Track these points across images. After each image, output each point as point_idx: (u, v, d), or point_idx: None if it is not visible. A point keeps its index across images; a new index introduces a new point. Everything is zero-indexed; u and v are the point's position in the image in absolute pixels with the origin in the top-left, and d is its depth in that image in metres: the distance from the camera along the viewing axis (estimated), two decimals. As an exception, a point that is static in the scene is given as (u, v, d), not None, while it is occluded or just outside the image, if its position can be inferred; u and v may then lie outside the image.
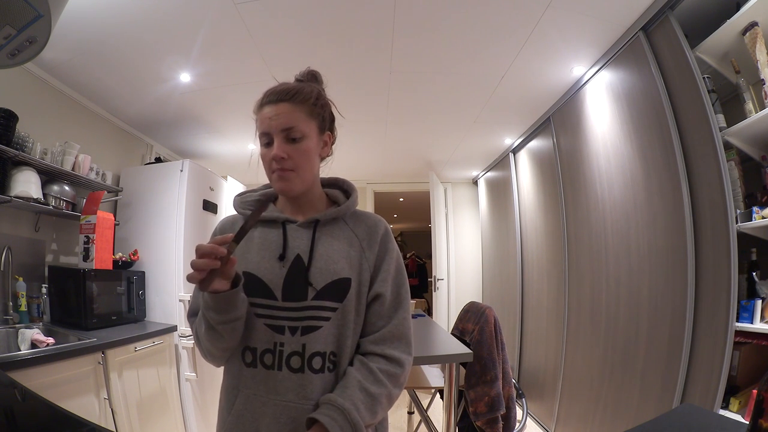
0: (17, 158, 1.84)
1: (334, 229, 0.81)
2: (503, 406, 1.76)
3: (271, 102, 0.76)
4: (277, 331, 0.72)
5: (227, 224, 0.87)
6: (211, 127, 3.06)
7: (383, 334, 0.76)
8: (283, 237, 0.78)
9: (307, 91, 0.77)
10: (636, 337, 1.82)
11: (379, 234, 0.81)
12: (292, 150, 0.74)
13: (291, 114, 0.74)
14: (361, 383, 0.70)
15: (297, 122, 0.74)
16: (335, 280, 0.74)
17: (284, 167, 0.74)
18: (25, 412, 0.85)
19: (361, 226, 0.82)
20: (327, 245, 0.77)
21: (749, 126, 1.36)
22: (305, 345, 0.71)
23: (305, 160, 0.75)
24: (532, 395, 3.03)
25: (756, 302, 1.31)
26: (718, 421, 0.81)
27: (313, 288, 0.73)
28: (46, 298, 2.06)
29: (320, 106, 0.79)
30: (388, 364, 0.74)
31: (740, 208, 1.37)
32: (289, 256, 0.76)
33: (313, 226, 0.79)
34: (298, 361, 0.71)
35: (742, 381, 1.38)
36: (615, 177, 2.00)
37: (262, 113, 0.76)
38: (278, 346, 0.72)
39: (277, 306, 0.73)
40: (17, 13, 1.10)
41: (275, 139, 0.74)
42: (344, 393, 0.68)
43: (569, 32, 1.88)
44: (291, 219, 0.80)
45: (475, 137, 3.37)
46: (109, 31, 1.83)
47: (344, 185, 0.89)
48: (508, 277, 3.62)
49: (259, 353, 0.72)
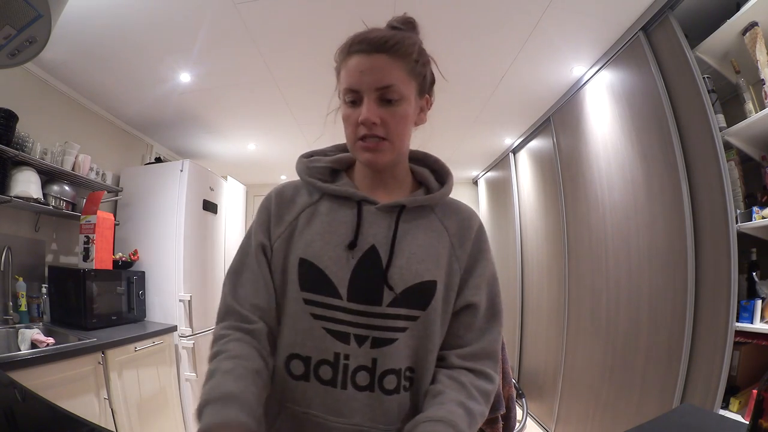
0: (17, 158, 1.84)
1: (420, 218, 0.66)
2: (503, 406, 1.76)
3: (364, 51, 0.60)
4: (340, 338, 0.59)
5: (285, 197, 0.68)
6: (211, 127, 3.06)
7: (474, 351, 0.64)
8: (357, 220, 0.63)
9: (409, 43, 0.62)
10: (636, 337, 1.82)
11: (473, 230, 0.68)
12: (386, 114, 0.60)
13: (389, 70, 0.59)
14: (459, 399, 0.58)
15: (395, 80, 0.60)
16: (419, 282, 0.61)
17: (375, 134, 0.60)
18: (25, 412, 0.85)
19: (452, 219, 0.68)
20: (412, 238, 0.64)
21: (749, 126, 1.36)
22: (376, 360, 0.59)
23: (401, 128, 0.62)
24: (532, 395, 3.03)
25: (756, 302, 1.31)
26: (718, 421, 0.81)
27: (392, 292, 0.60)
28: (46, 298, 2.06)
29: (422, 63, 0.64)
30: (478, 379, 0.62)
31: (740, 208, 1.37)
32: (362, 246, 0.61)
33: (396, 213, 0.64)
34: (366, 377, 0.59)
35: (742, 381, 1.38)
36: (615, 177, 2.00)
37: (350, 64, 0.61)
38: (342, 358, 0.59)
39: (341, 307, 0.60)
40: (17, 13, 1.10)
41: (366, 98, 0.59)
42: (443, 408, 0.56)
43: (569, 32, 1.88)
44: (369, 199, 0.65)
45: (475, 137, 3.37)
46: (109, 32, 1.83)
47: (435, 164, 0.74)
48: (508, 277, 3.62)
49: (314, 364, 0.59)
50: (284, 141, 3.40)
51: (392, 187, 0.68)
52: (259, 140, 3.40)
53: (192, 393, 2.47)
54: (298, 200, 0.67)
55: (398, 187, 0.69)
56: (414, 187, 0.71)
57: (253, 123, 3.02)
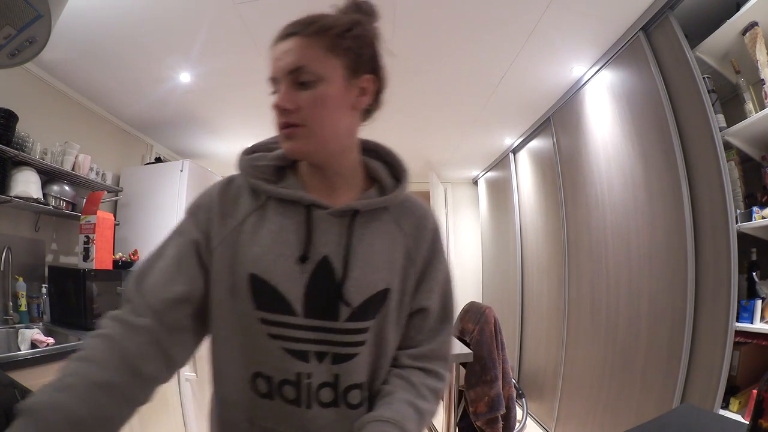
0: (17, 158, 1.84)
1: (374, 221, 0.61)
2: (503, 406, 1.76)
3: (279, 38, 0.57)
4: (300, 357, 0.56)
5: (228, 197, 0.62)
6: (211, 127, 3.06)
7: (424, 352, 0.63)
8: (306, 229, 0.58)
9: (330, 20, 0.57)
10: (636, 336, 1.82)
11: (429, 230, 0.65)
12: (302, 98, 0.55)
13: (301, 50, 0.55)
14: (408, 399, 0.57)
15: (307, 60, 0.55)
16: (375, 293, 0.58)
17: (290, 121, 0.56)
18: (25, 412, 0.84)
19: (408, 219, 0.64)
20: (367, 246, 0.59)
21: (749, 126, 1.36)
22: (338, 376, 0.57)
23: (319, 111, 0.56)
24: (532, 395, 3.03)
25: (756, 302, 1.31)
26: (718, 421, 0.81)
27: (349, 307, 0.57)
28: (46, 298, 2.06)
29: (351, 38, 0.57)
30: (428, 377, 0.62)
31: (740, 208, 1.37)
32: (314, 257, 0.57)
33: (349, 218, 0.60)
34: (330, 393, 0.57)
35: (742, 381, 1.38)
36: (615, 177, 2.00)
37: (272, 54, 0.58)
38: (304, 377, 0.56)
39: (297, 324, 0.56)
40: (17, 13, 1.10)
41: (281, 85, 0.56)
42: (391, 408, 0.55)
43: (569, 32, 1.88)
44: (319, 203, 0.59)
45: (475, 137, 3.37)
46: (109, 32, 1.83)
47: (389, 157, 0.68)
48: (508, 277, 3.62)
49: (276, 383, 0.56)
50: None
51: (343, 186, 0.63)
52: (258, 140, 3.39)
53: (192, 393, 2.46)
54: (242, 202, 0.61)
55: (347, 185, 0.63)
56: (366, 183, 0.65)
57: (253, 123, 3.02)
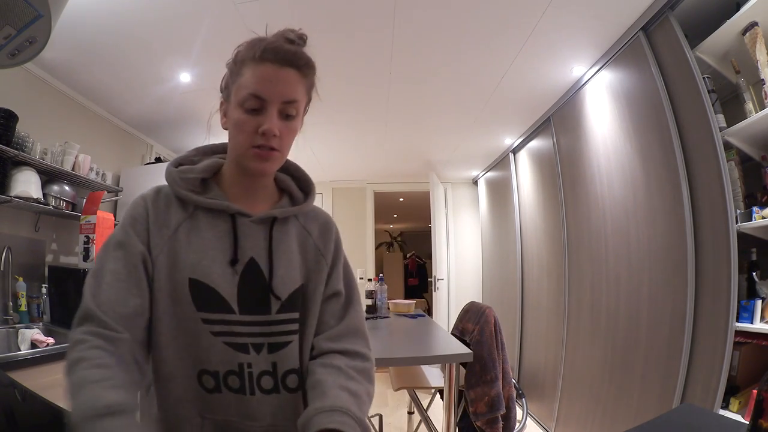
0: (17, 158, 1.84)
1: (287, 226, 0.70)
2: (503, 406, 1.76)
3: (276, 62, 0.60)
4: (240, 349, 0.62)
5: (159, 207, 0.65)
6: (211, 127, 3.06)
7: (339, 330, 0.68)
8: (233, 235, 0.65)
9: (312, 64, 0.66)
10: (636, 336, 1.82)
11: (332, 232, 0.75)
12: (284, 128, 0.62)
13: (296, 85, 0.62)
14: (339, 383, 0.60)
15: (299, 97, 0.63)
16: (297, 287, 0.67)
17: (272, 145, 0.61)
18: (25, 412, 0.84)
19: (313, 224, 0.74)
20: (285, 248, 0.68)
21: (749, 126, 1.36)
22: (276, 364, 0.63)
23: (290, 142, 0.66)
24: (532, 395, 3.03)
25: (756, 302, 1.31)
26: (717, 421, 0.81)
27: (278, 300, 0.64)
28: (46, 298, 2.06)
29: (313, 84, 0.68)
30: (352, 360, 0.65)
31: (740, 208, 1.37)
32: (242, 259, 0.64)
33: (269, 224, 0.67)
34: (270, 381, 0.63)
35: (742, 381, 1.38)
36: (615, 177, 2.00)
37: (259, 70, 0.60)
38: (246, 367, 0.62)
39: (235, 321, 0.62)
40: (17, 13, 1.10)
41: (270, 109, 0.60)
42: (327, 397, 0.57)
43: (569, 32, 1.88)
44: (243, 212, 0.66)
45: (475, 137, 3.37)
46: (109, 31, 1.83)
47: (297, 172, 0.77)
48: (508, 277, 3.62)
49: (222, 376, 0.61)
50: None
51: (260, 196, 0.70)
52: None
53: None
54: (172, 211, 0.65)
55: (265, 196, 0.71)
56: (277, 194, 0.74)
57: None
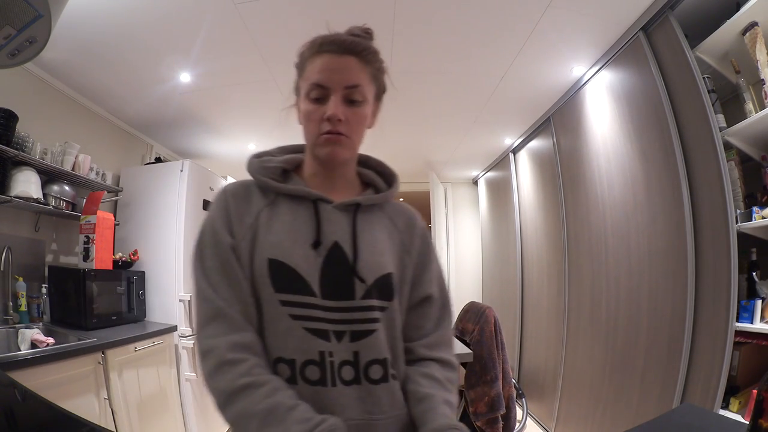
0: (17, 158, 1.84)
1: (373, 216, 0.69)
2: (503, 406, 1.76)
3: (334, 52, 0.62)
4: (322, 336, 0.59)
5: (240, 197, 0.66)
6: (211, 127, 3.06)
7: (435, 339, 0.69)
8: (316, 219, 0.64)
9: (374, 50, 0.67)
10: (636, 336, 1.82)
11: (418, 228, 0.73)
12: (350, 113, 0.63)
13: (357, 71, 0.63)
14: (443, 398, 0.62)
15: (363, 82, 0.63)
16: (384, 274, 0.64)
17: (339, 130, 0.62)
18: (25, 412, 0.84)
19: (400, 218, 0.73)
20: (369, 234, 0.66)
21: (749, 126, 1.36)
22: (358, 353, 0.61)
23: (360, 128, 0.65)
24: (532, 395, 3.03)
25: (756, 302, 1.31)
26: (718, 421, 0.81)
27: (364, 284, 0.62)
28: (46, 298, 2.06)
29: (380, 71, 0.69)
30: (445, 369, 0.67)
31: (740, 208, 1.37)
32: (325, 243, 0.63)
33: (352, 211, 0.67)
34: (351, 371, 0.60)
35: (742, 381, 1.38)
36: (615, 177, 2.00)
37: (319, 61, 0.63)
38: (327, 356, 0.59)
39: (317, 305, 0.60)
40: (17, 13, 1.10)
41: (333, 96, 0.61)
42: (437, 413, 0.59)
43: (569, 32, 1.88)
44: (324, 197, 0.66)
45: (475, 137, 3.37)
46: (109, 31, 1.83)
47: (380, 167, 0.77)
48: (508, 277, 3.62)
49: (299, 366, 0.58)
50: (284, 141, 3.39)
51: (342, 188, 0.70)
52: (259, 140, 3.40)
53: (192, 393, 2.47)
54: (253, 200, 0.66)
55: (348, 188, 0.71)
56: (362, 188, 0.74)
57: (253, 123, 3.02)
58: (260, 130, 3.19)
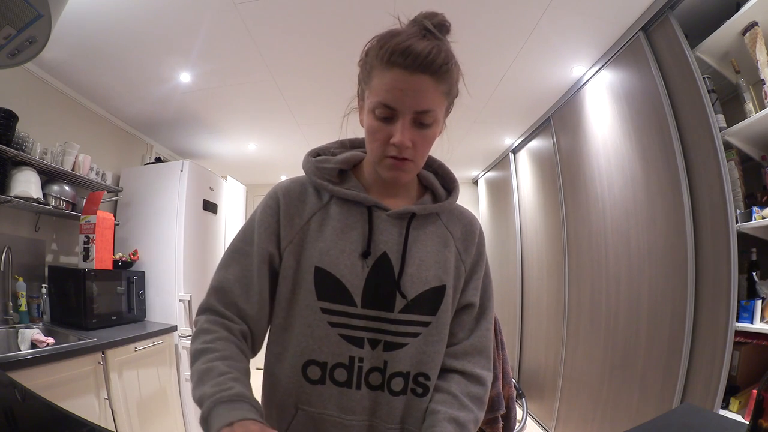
0: (17, 158, 1.84)
1: (428, 225, 0.67)
2: (503, 406, 1.76)
3: (407, 68, 0.54)
4: (355, 343, 0.60)
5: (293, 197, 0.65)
6: (211, 127, 3.06)
7: (465, 348, 0.66)
8: (369, 227, 0.63)
9: (453, 63, 0.60)
10: (636, 336, 1.82)
11: (476, 235, 0.71)
12: (418, 137, 0.58)
13: (431, 94, 0.56)
14: (450, 415, 0.60)
15: (435, 105, 0.57)
16: (428, 289, 0.63)
17: (405, 156, 0.58)
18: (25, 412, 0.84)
19: (457, 225, 0.70)
20: (421, 246, 0.65)
21: (749, 126, 1.36)
22: (387, 362, 0.61)
23: (427, 149, 0.61)
24: (532, 395, 3.03)
25: (756, 302, 1.31)
26: (718, 421, 0.81)
27: (404, 299, 0.61)
28: (46, 298, 2.06)
29: (456, 81, 0.62)
30: (470, 384, 0.64)
31: (740, 208, 1.37)
32: (374, 253, 0.62)
33: (407, 220, 0.65)
34: (379, 378, 0.61)
35: (742, 381, 1.38)
36: (615, 177, 2.00)
37: (389, 77, 0.55)
38: (356, 361, 0.60)
39: (355, 314, 0.61)
40: (17, 13, 1.10)
41: (402, 119, 0.56)
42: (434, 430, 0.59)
43: (569, 32, 1.88)
44: (380, 205, 0.64)
45: (475, 137, 3.37)
46: (109, 32, 1.83)
47: (440, 169, 0.73)
48: (508, 277, 3.62)
49: (330, 368, 0.60)
50: (284, 141, 3.40)
51: (400, 191, 0.68)
52: (259, 140, 3.40)
53: (192, 393, 2.46)
54: (308, 201, 0.65)
55: (406, 192, 0.69)
56: (420, 191, 0.71)
57: (253, 123, 3.02)
58: (260, 130, 3.19)
